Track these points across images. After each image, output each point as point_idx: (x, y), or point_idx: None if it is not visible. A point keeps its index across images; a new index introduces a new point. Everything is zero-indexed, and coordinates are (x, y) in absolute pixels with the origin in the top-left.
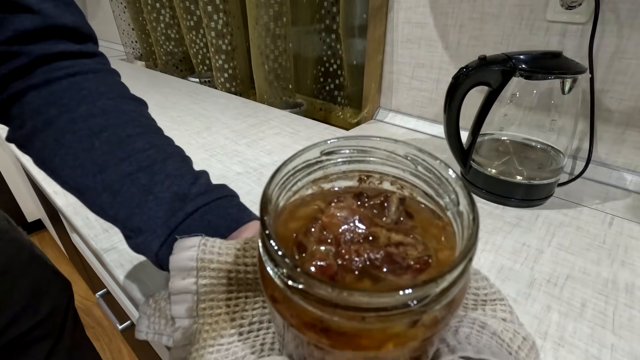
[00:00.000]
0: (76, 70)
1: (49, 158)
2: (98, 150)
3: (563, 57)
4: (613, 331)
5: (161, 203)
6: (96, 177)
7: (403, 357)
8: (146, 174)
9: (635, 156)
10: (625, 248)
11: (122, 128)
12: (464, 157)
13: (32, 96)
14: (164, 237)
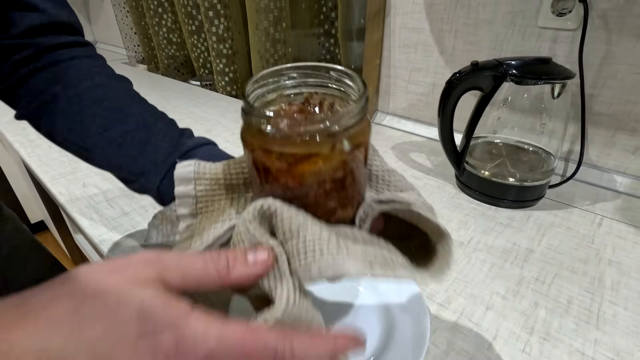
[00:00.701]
0: (73, 55)
1: (58, 126)
2: (100, 115)
3: (552, 63)
4: (597, 327)
5: (159, 150)
6: (101, 135)
7: (330, 174)
8: (144, 130)
9: (625, 158)
10: (613, 247)
11: (117, 98)
12: (458, 160)
13: (38, 77)
14: (164, 173)
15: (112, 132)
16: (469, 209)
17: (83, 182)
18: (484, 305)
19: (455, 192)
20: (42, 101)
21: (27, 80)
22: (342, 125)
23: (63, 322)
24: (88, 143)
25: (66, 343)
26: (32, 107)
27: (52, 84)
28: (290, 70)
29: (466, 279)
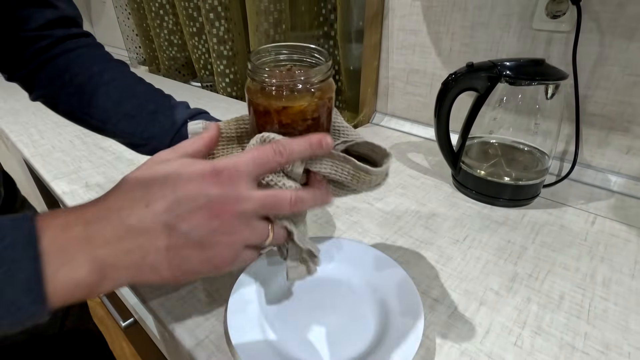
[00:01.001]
0: (82, 44)
1: (75, 106)
2: (113, 93)
3: (546, 65)
4: (588, 321)
5: (166, 117)
6: (115, 110)
7: (309, 114)
8: (151, 103)
9: (618, 158)
10: (606, 245)
11: (123, 78)
12: (454, 159)
13: (55, 64)
14: (173, 135)
15: (125, 106)
16: (465, 208)
17: (86, 182)
18: (478, 301)
19: (452, 191)
20: (60, 83)
21: (45, 66)
22: (312, 81)
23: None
24: (104, 117)
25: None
26: (50, 89)
27: (69, 67)
28: (281, 48)
29: (461, 275)
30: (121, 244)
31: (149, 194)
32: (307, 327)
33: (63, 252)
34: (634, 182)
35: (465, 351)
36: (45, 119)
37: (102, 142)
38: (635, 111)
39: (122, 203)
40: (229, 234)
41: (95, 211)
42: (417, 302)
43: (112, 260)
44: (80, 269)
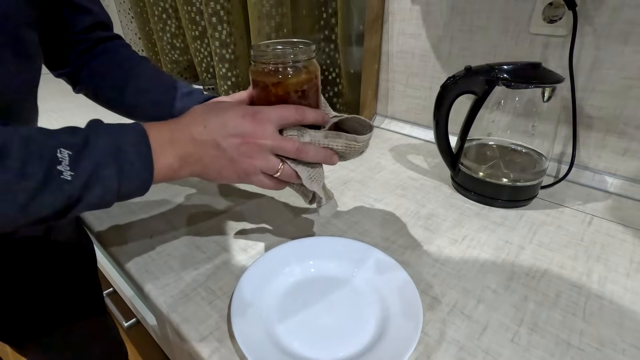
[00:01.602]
0: (116, 45)
1: (112, 96)
2: (143, 85)
3: (542, 68)
4: (583, 319)
5: (188, 101)
6: (145, 98)
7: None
8: (174, 90)
9: (615, 160)
10: (602, 245)
11: (150, 72)
12: (453, 161)
13: (96, 62)
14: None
15: (151, 94)
16: (464, 209)
17: None
18: (476, 299)
19: (451, 192)
20: (100, 79)
21: (88, 64)
22: (298, 58)
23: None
24: (134, 104)
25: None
26: (92, 84)
27: (108, 65)
28: (277, 43)
29: (459, 274)
30: (189, 148)
31: (208, 119)
32: (309, 325)
33: (160, 146)
34: (630, 184)
35: (463, 347)
36: (50, 120)
37: None
38: (631, 114)
39: (192, 121)
40: (250, 157)
41: (176, 124)
42: (416, 302)
43: (185, 156)
44: (171, 157)
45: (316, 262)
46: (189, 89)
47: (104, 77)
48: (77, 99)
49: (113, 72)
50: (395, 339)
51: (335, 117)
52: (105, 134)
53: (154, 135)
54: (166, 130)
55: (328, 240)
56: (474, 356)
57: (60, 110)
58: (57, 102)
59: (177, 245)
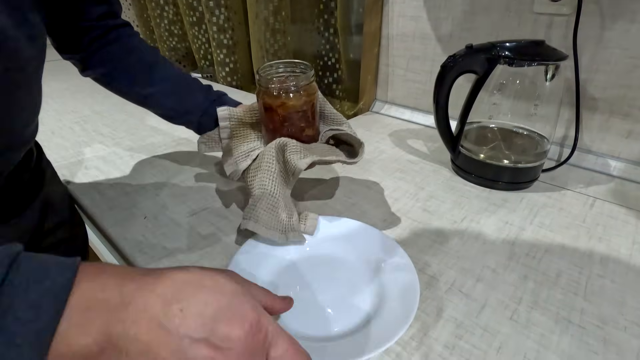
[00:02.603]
0: (127, 33)
1: (124, 82)
2: (155, 74)
3: (545, 45)
4: (585, 297)
5: (198, 96)
6: (157, 87)
7: (299, 107)
8: (185, 82)
9: (619, 143)
10: (604, 227)
11: (162, 61)
12: (453, 143)
13: (108, 49)
14: (202, 112)
15: (165, 84)
16: (464, 191)
17: (85, 165)
18: (475, 278)
19: (451, 175)
20: (111, 66)
21: (99, 50)
22: (299, 85)
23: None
24: (148, 93)
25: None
26: (103, 70)
27: (120, 52)
28: (279, 64)
29: (458, 254)
30: (141, 333)
31: (189, 304)
32: (304, 302)
33: (84, 318)
34: (633, 167)
35: (461, 325)
36: (46, 106)
37: (102, 128)
38: (635, 94)
39: (156, 308)
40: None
41: (134, 287)
42: (413, 279)
43: (122, 341)
44: (92, 337)
45: (312, 241)
46: (199, 84)
47: (116, 65)
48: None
49: (127, 60)
50: (391, 315)
51: (330, 131)
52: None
53: (79, 295)
54: (112, 285)
55: (324, 220)
56: (472, 333)
57: (58, 96)
58: (52, 87)
59: (170, 226)
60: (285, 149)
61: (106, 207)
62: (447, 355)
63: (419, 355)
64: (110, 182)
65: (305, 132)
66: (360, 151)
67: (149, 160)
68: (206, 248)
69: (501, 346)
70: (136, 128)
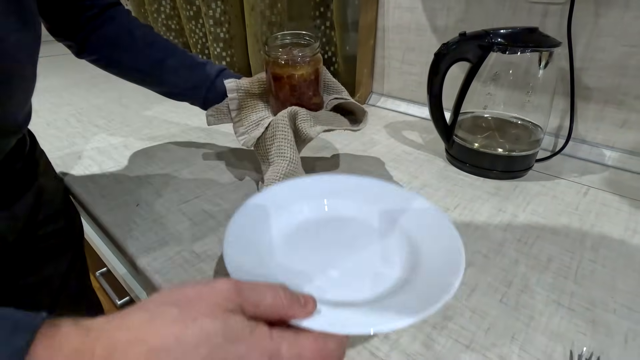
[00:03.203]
0: (119, 11)
1: (124, 62)
2: (156, 52)
3: (539, 32)
4: (575, 281)
5: (202, 72)
6: (160, 65)
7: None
8: (188, 59)
9: (613, 132)
10: (597, 214)
11: (160, 39)
12: (448, 132)
13: (105, 28)
14: (208, 86)
15: (168, 62)
16: (457, 180)
17: (79, 155)
18: (466, 263)
19: (445, 164)
20: (111, 45)
21: (97, 30)
22: (306, 55)
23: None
24: (150, 72)
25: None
26: (103, 50)
27: (118, 32)
28: (286, 35)
29: None
30: None
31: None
32: (322, 264)
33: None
34: (628, 156)
35: (450, 307)
36: (42, 100)
37: (98, 120)
38: (629, 83)
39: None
40: None
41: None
42: (454, 238)
43: None
44: None
45: (331, 200)
46: (200, 59)
47: (115, 45)
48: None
49: (124, 39)
50: (428, 282)
51: (335, 100)
52: None
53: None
54: (98, 344)
55: (340, 178)
56: (461, 315)
57: (54, 89)
58: (49, 81)
59: (163, 213)
60: (296, 117)
61: (99, 195)
62: (436, 335)
63: (407, 336)
64: (103, 172)
65: (312, 100)
66: (364, 118)
67: (143, 151)
68: (197, 234)
69: (490, 327)
70: (131, 120)
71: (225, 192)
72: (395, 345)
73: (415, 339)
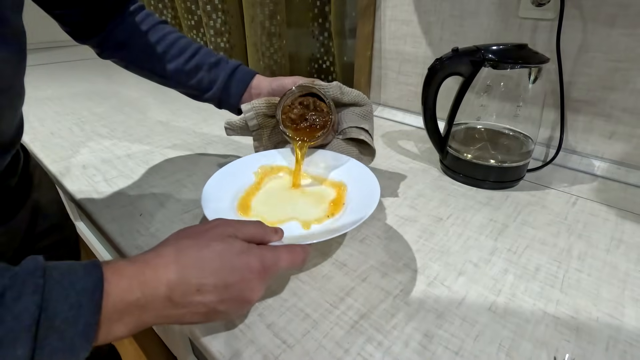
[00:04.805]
0: (140, 10)
1: (144, 65)
2: (176, 53)
3: (528, 49)
4: (561, 290)
5: (219, 72)
6: (181, 68)
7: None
8: (207, 60)
9: (602, 143)
10: (585, 224)
11: (180, 39)
12: (441, 143)
13: (126, 27)
14: (223, 85)
15: (188, 64)
16: (451, 190)
17: (83, 165)
18: (457, 272)
19: (439, 175)
20: (132, 44)
21: (117, 29)
22: (319, 136)
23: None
24: (169, 72)
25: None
26: (125, 49)
27: (137, 31)
28: (295, 104)
29: (442, 250)
30: (166, 312)
31: (203, 279)
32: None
33: (119, 314)
34: (616, 167)
35: (441, 315)
36: (45, 108)
37: (100, 129)
38: (617, 97)
39: (177, 280)
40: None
41: (154, 281)
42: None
43: (152, 322)
44: (125, 327)
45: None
46: (217, 57)
47: (136, 44)
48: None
49: (146, 39)
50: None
51: (350, 129)
52: (32, 293)
53: (114, 297)
54: (137, 290)
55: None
56: (452, 322)
57: (57, 98)
58: (52, 89)
59: (165, 222)
60: None
61: (103, 204)
62: (426, 343)
63: (400, 343)
64: (107, 181)
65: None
66: (371, 158)
67: (145, 160)
68: None
69: (478, 335)
70: (134, 129)
71: None
72: (388, 351)
73: (407, 346)
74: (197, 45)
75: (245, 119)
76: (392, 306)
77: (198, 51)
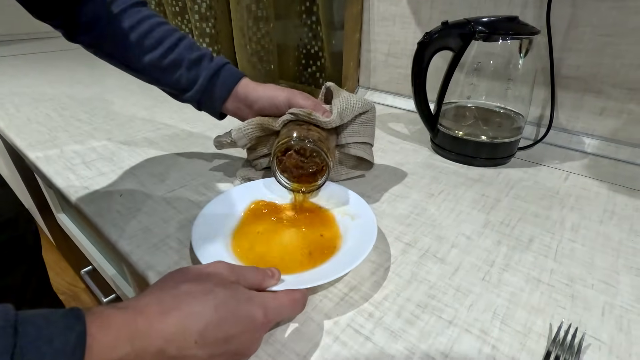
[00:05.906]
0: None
1: (113, 52)
2: (151, 43)
3: (518, 21)
4: (555, 259)
5: (201, 69)
6: (159, 61)
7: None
8: (187, 56)
9: (592, 120)
10: (577, 197)
11: (158, 26)
12: (432, 122)
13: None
14: (206, 84)
15: (162, 57)
16: (442, 168)
17: (61, 149)
18: (449, 244)
19: (430, 154)
20: (102, 27)
21: (84, 7)
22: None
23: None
24: (145, 64)
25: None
26: (94, 32)
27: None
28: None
29: (434, 224)
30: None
31: (205, 330)
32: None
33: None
34: (607, 143)
35: (434, 286)
36: (23, 96)
37: (80, 114)
38: (607, 71)
39: (176, 330)
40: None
41: (148, 332)
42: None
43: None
44: None
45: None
46: (201, 52)
47: (105, 26)
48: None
49: (118, 21)
50: (350, 252)
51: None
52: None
53: (97, 351)
54: (125, 344)
55: None
56: (445, 293)
57: (36, 86)
58: (30, 78)
59: (147, 202)
60: None
61: (81, 186)
62: (419, 312)
63: (391, 314)
64: (86, 163)
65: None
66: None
67: (127, 143)
68: (183, 221)
69: (472, 304)
70: (115, 114)
71: (211, 182)
72: (379, 322)
73: (399, 316)
74: (178, 36)
75: (235, 140)
76: (383, 278)
77: (178, 44)
